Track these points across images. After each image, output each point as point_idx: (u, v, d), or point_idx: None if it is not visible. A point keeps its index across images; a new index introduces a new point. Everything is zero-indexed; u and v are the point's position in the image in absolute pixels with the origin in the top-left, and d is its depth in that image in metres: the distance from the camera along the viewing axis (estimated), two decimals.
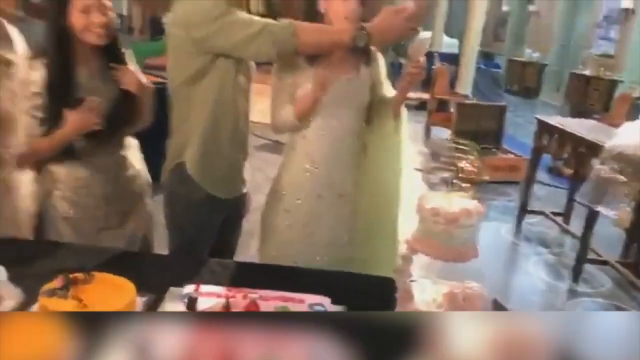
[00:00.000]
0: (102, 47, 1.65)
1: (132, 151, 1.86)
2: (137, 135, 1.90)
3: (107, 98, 1.66)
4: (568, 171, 4.74)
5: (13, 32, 1.74)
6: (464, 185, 1.33)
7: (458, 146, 1.39)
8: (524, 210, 4.37)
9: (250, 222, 2.08)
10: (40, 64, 1.61)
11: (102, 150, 1.72)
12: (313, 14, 1.77)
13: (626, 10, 8.40)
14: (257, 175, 1.88)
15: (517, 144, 6.20)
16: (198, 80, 1.66)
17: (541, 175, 5.14)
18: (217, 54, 1.63)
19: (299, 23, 1.62)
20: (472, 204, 1.28)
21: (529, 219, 4.42)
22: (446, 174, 1.37)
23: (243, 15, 1.60)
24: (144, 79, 1.74)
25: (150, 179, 1.93)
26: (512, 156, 5.68)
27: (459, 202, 1.26)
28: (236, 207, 1.91)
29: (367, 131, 1.87)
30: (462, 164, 1.46)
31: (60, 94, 1.60)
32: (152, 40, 11.28)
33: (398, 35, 1.60)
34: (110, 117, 1.65)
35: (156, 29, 12.45)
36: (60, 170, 1.70)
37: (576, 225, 3.96)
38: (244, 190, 1.92)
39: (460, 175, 1.35)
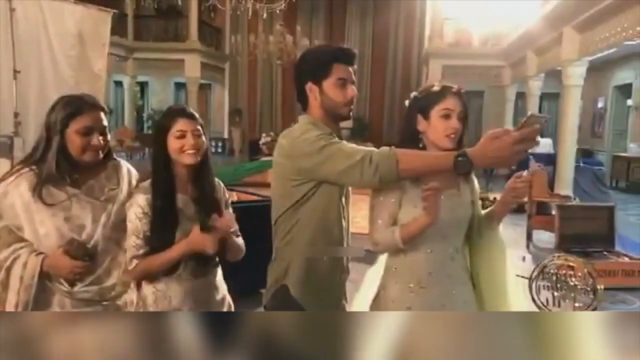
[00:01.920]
0: (196, 173, 1.79)
1: (219, 275, 1.93)
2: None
3: (201, 224, 1.76)
4: None
5: (122, 167, 1.92)
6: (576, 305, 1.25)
7: (565, 262, 1.32)
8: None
9: None
10: (147, 188, 1.78)
11: (199, 272, 1.80)
12: (412, 133, 1.75)
13: None
14: (348, 285, 1.87)
15: (632, 244, 5.70)
16: (303, 205, 1.71)
17: None
18: (321, 181, 1.69)
19: (401, 151, 1.61)
20: None
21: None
22: (556, 293, 1.29)
23: (345, 144, 1.66)
24: (235, 226, 1.85)
25: (232, 304, 1.98)
26: (628, 259, 5.21)
27: None
28: None
29: (471, 247, 1.83)
30: (572, 281, 1.38)
31: (164, 214, 1.74)
32: (251, 160, 12.09)
33: (504, 161, 1.49)
34: None
35: (254, 150, 13.40)
36: (150, 292, 1.78)
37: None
38: (345, 307, 1.92)
39: (571, 294, 1.27)
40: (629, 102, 12.12)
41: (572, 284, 1.16)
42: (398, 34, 17.52)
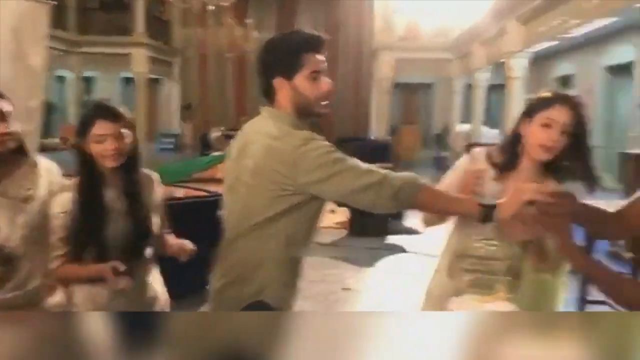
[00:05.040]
0: (123, 169, 1.75)
1: (153, 274, 1.90)
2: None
3: (130, 220, 1.73)
4: (628, 255, 4.47)
5: (40, 165, 1.84)
6: (498, 286, 1.29)
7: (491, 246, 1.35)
8: (583, 301, 4.09)
9: None
10: (71, 187, 1.73)
11: (128, 272, 1.74)
12: (515, 134, 1.66)
13: None
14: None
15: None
16: (286, 217, 1.54)
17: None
18: (319, 195, 1.53)
19: (427, 185, 1.49)
20: (505, 308, 1.23)
21: (590, 309, 4.13)
22: (481, 275, 1.33)
23: (358, 161, 1.49)
24: (190, 245, 1.83)
25: (169, 301, 1.95)
26: None
27: (491, 306, 1.22)
28: None
29: None
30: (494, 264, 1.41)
31: (87, 213, 1.69)
32: (202, 156, 11.90)
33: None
34: (132, 244, 1.73)
35: (205, 145, 13.20)
36: (79, 292, 1.74)
37: None
38: None
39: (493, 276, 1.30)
40: (570, 92, 12.61)
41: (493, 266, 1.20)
42: (348, 27, 17.59)
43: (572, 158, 1.61)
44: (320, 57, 1.57)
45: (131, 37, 15.12)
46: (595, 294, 4.29)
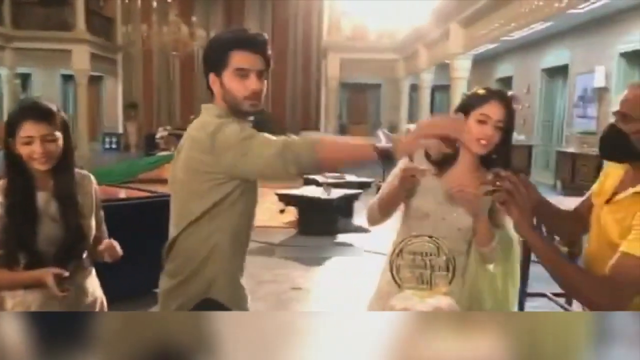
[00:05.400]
0: (54, 172, 1.68)
1: (90, 277, 1.83)
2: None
3: (63, 224, 1.68)
4: (564, 249, 4.68)
5: None
6: (437, 281, 1.31)
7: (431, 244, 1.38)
8: (523, 293, 4.25)
9: None
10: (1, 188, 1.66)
11: (63, 277, 1.66)
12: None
13: (599, 89, 8.76)
14: (249, 281, 1.81)
15: None
16: (224, 208, 1.55)
17: None
18: (243, 178, 1.54)
19: (322, 138, 1.50)
20: (445, 302, 1.26)
21: (531, 302, 4.30)
22: (420, 271, 1.35)
23: (268, 136, 1.49)
24: (120, 252, 1.77)
25: (105, 304, 1.89)
26: None
27: (432, 301, 1.24)
28: None
29: None
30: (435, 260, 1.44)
31: (17, 217, 1.62)
32: (147, 156, 11.62)
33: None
34: (66, 248, 1.67)
35: (150, 145, 12.89)
36: (11, 298, 1.67)
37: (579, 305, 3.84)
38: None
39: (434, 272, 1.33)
40: (510, 93, 13.09)
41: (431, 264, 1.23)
42: (297, 26, 17.63)
43: (500, 152, 1.68)
44: (249, 54, 1.55)
45: (71, 33, 14.56)
46: (535, 286, 4.47)
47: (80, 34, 14.50)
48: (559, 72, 10.77)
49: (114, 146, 16.55)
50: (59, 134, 1.65)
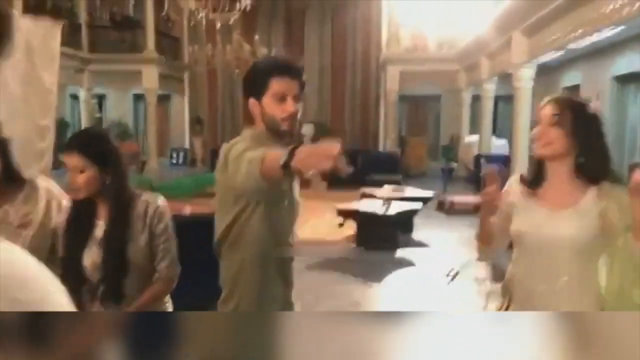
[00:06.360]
0: (106, 198, 1.78)
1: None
2: None
3: (106, 250, 1.75)
4: None
5: (40, 188, 1.84)
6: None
7: None
8: None
9: None
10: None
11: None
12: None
13: None
14: (307, 296, 1.86)
15: None
16: (236, 227, 1.68)
17: None
18: (239, 195, 1.64)
19: (268, 152, 1.46)
20: None
21: None
22: None
23: (252, 152, 1.52)
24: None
25: None
26: None
27: None
28: None
29: None
30: None
31: (68, 240, 1.75)
32: (213, 170, 11.99)
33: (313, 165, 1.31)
34: (106, 276, 1.74)
35: (215, 160, 13.31)
36: None
37: None
38: None
39: None
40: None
41: None
42: (356, 40, 17.73)
43: (587, 156, 1.62)
44: (289, 80, 1.67)
45: (142, 55, 15.35)
46: None
47: (150, 55, 15.26)
48: (632, 79, 10.25)
49: (180, 161, 17.18)
50: (89, 165, 1.70)
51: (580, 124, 1.61)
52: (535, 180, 1.71)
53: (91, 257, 1.73)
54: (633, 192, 1.41)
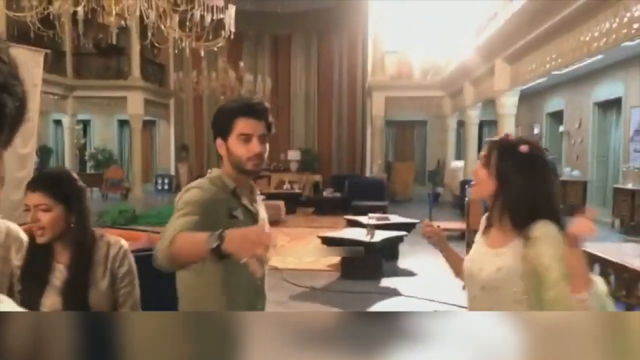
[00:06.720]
0: (66, 242, 1.72)
1: None
2: None
3: (64, 295, 1.69)
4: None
5: (3, 226, 1.81)
6: None
7: None
8: None
9: None
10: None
11: None
12: None
13: None
14: None
15: None
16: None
17: None
18: None
19: (182, 232, 1.44)
20: None
21: None
22: None
23: (188, 220, 1.50)
24: None
25: None
26: None
27: None
28: None
29: None
30: None
31: (24, 284, 1.69)
32: None
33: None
34: None
35: None
36: None
37: None
38: None
39: None
40: (561, 128, 12.71)
41: None
42: (342, 67, 17.88)
43: (510, 200, 1.58)
44: (252, 121, 1.68)
45: (127, 81, 15.32)
46: None
47: (135, 81, 15.24)
48: (613, 105, 10.39)
49: (166, 187, 17.03)
50: (54, 204, 1.63)
51: (503, 165, 1.56)
52: (489, 218, 1.72)
53: (51, 302, 1.65)
54: (570, 242, 1.36)
